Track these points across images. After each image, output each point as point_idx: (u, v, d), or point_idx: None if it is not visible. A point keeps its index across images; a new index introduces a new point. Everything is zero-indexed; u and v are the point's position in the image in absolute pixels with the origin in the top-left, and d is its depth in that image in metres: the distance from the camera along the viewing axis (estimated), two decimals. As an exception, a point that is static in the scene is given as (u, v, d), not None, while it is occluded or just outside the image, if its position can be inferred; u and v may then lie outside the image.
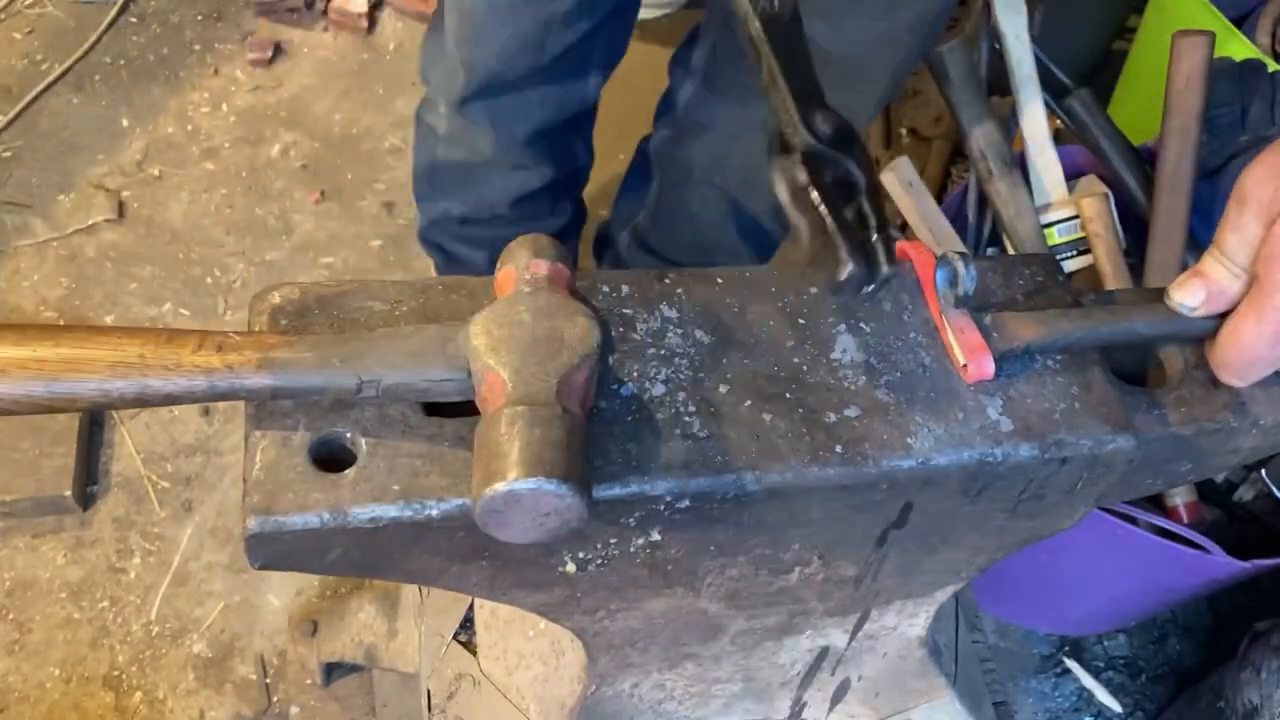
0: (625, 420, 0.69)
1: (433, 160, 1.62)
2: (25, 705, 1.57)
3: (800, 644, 0.94)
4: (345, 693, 1.62)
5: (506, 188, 1.59)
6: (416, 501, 0.64)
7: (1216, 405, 0.79)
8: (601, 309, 0.73)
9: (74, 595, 1.67)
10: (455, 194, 1.65)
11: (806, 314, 0.76)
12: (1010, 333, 0.74)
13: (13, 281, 1.98)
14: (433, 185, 1.68)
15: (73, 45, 2.33)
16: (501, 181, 1.58)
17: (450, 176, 1.62)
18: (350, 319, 0.70)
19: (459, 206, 1.66)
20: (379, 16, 2.50)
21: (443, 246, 1.78)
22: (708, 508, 0.69)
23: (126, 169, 2.16)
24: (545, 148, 1.55)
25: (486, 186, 1.60)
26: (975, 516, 0.78)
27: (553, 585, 0.76)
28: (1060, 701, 1.75)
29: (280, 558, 0.65)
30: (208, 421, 1.86)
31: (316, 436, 0.65)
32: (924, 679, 1.04)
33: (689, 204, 1.68)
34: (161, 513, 1.76)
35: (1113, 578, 1.57)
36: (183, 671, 1.63)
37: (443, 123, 1.52)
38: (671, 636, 0.87)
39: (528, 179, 1.58)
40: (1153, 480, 0.85)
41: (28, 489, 1.68)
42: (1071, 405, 0.74)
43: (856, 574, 0.84)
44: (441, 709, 1.14)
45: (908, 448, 0.71)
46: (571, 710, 0.96)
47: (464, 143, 1.53)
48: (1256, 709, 1.41)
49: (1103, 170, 1.65)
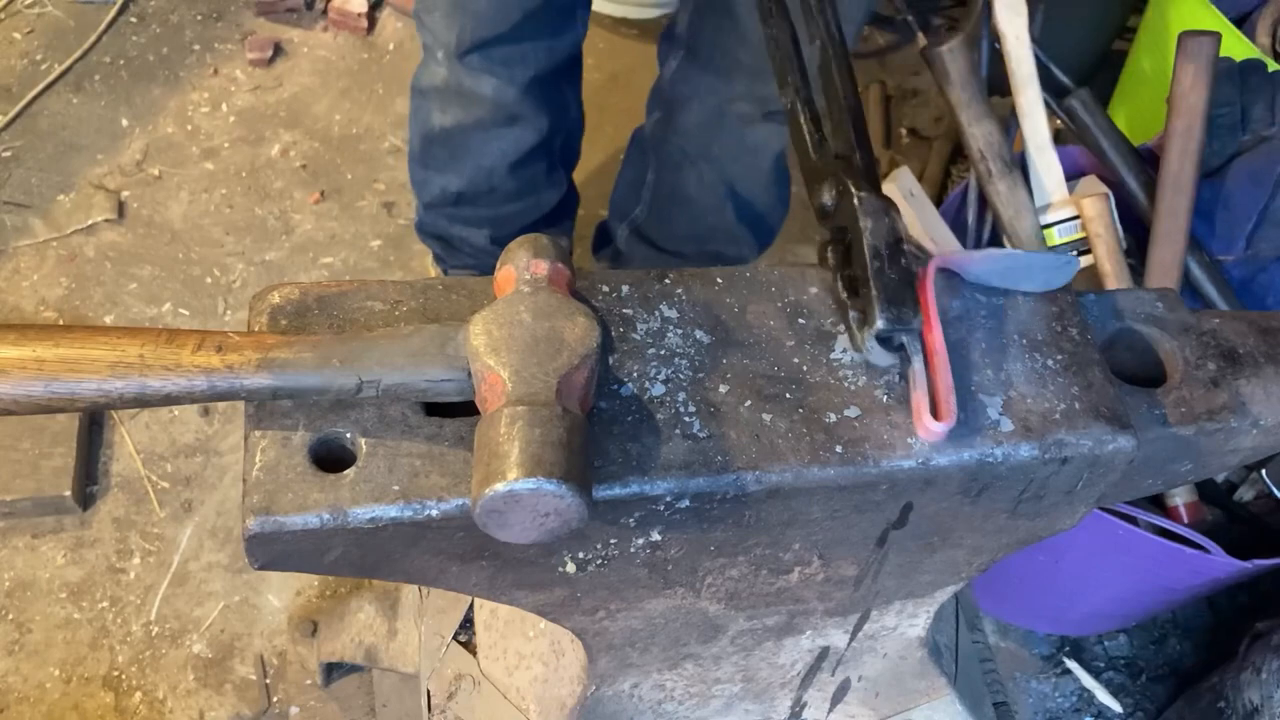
0: (625, 420, 0.69)
1: (428, 132, 1.62)
2: (25, 705, 1.57)
3: (800, 644, 0.94)
4: (345, 693, 1.62)
5: (504, 149, 1.60)
6: (416, 501, 0.64)
7: (1216, 405, 0.79)
8: (601, 309, 0.73)
9: (74, 595, 1.67)
10: (452, 167, 1.65)
11: (806, 314, 0.76)
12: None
13: (13, 281, 1.98)
14: (428, 163, 1.68)
15: (73, 45, 2.33)
16: (498, 143, 1.59)
17: (447, 148, 1.63)
18: (350, 319, 0.70)
19: (457, 181, 1.66)
20: (379, 16, 2.50)
21: (442, 234, 1.78)
22: (708, 508, 0.69)
23: (126, 169, 2.16)
24: (541, 96, 1.57)
25: (484, 152, 1.61)
26: (975, 516, 0.78)
27: (553, 585, 0.75)
28: (1060, 702, 1.75)
29: (280, 558, 0.65)
30: (208, 422, 1.86)
31: (316, 436, 0.65)
32: (924, 679, 1.04)
33: (685, 187, 1.69)
34: (161, 513, 1.76)
35: (1113, 578, 1.57)
36: (182, 672, 1.63)
37: (441, 74, 1.54)
38: (671, 637, 0.87)
39: (524, 135, 1.59)
40: (1153, 480, 0.85)
41: (28, 489, 1.68)
42: (1071, 405, 0.74)
43: (857, 574, 0.84)
44: (441, 709, 1.14)
45: (908, 448, 0.71)
46: (571, 710, 0.96)
47: (463, 96, 1.54)
48: (1257, 709, 1.41)
49: (1103, 170, 1.65)
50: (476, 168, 1.63)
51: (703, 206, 1.69)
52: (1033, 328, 0.78)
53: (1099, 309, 0.83)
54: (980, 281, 0.78)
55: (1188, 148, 1.50)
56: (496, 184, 1.65)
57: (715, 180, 1.66)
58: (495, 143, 1.60)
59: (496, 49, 1.47)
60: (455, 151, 1.63)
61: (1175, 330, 0.83)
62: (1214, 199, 1.60)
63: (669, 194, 1.73)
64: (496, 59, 1.49)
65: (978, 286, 0.78)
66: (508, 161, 1.62)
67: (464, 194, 1.68)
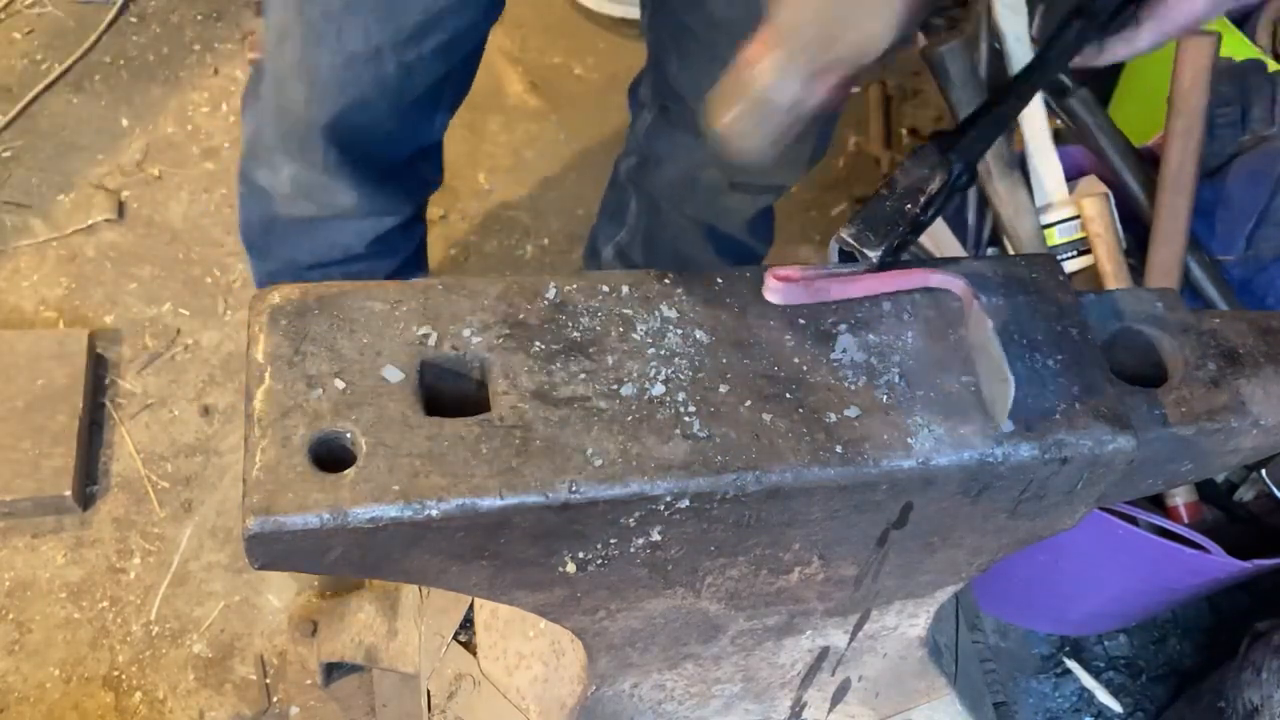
0: (625, 420, 0.69)
1: (271, 217, 1.52)
2: (25, 705, 1.57)
3: (800, 644, 0.94)
4: (345, 693, 1.62)
5: (362, 231, 1.52)
6: (416, 501, 0.64)
7: (1217, 405, 0.79)
8: (601, 309, 0.73)
9: (74, 595, 1.67)
10: (303, 244, 1.56)
11: (806, 314, 0.76)
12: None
13: (13, 281, 1.98)
14: (272, 239, 1.58)
15: (73, 45, 2.32)
16: (357, 226, 1.51)
17: (296, 229, 1.53)
18: (351, 319, 0.70)
19: (307, 256, 1.57)
20: (379, 16, 2.50)
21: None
22: (708, 508, 0.69)
23: (126, 169, 2.16)
24: (400, 187, 1.51)
25: (340, 234, 1.52)
26: (976, 516, 0.78)
27: (553, 585, 0.75)
28: (1060, 702, 1.75)
29: (280, 558, 0.65)
30: (207, 421, 1.86)
31: (316, 436, 0.65)
32: (924, 679, 1.04)
33: (665, 228, 1.67)
34: (161, 513, 1.76)
35: (1113, 578, 1.57)
36: (183, 672, 1.63)
37: (285, 184, 1.44)
38: (671, 636, 0.87)
39: (383, 221, 1.52)
40: (1153, 480, 0.85)
41: (28, 489, 1.68)
42: (1071, 405, 0.74)
43: (857, 574, 0.84)
44: (441, 709, 1.14)
45: (908, 448, 0.71)
46: (571, 710, 0.96)
47: (315, 199, 1.45)
48: (1257, 709, 1.41)
49: (1103, 170, 1.65)
50: (332, 244, 1.54)
51: (684, 243, 1.67)
52: (1033, 328, 0.78)
53: (1099, 309, 0.83)
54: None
55: (1188, 148, 1.50)
56: (355, 253, 1.56)
57: (693, 226, 1.64)
58: (354, 226, 1.51)
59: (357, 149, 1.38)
60: (306, 233, 1.53)
61: (1175, 330, 0.83)
62: (1214, 199, 1.60)
63: (649, 234, 1.71)
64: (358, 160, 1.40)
65: (978, 286, 0.78)
66: (366, 240, 1.54)
67: (317, 263, 1.58)
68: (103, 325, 1.94)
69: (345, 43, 1.23)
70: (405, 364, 0.69)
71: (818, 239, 2.18)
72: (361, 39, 1.23)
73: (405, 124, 1.39)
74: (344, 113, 1.31)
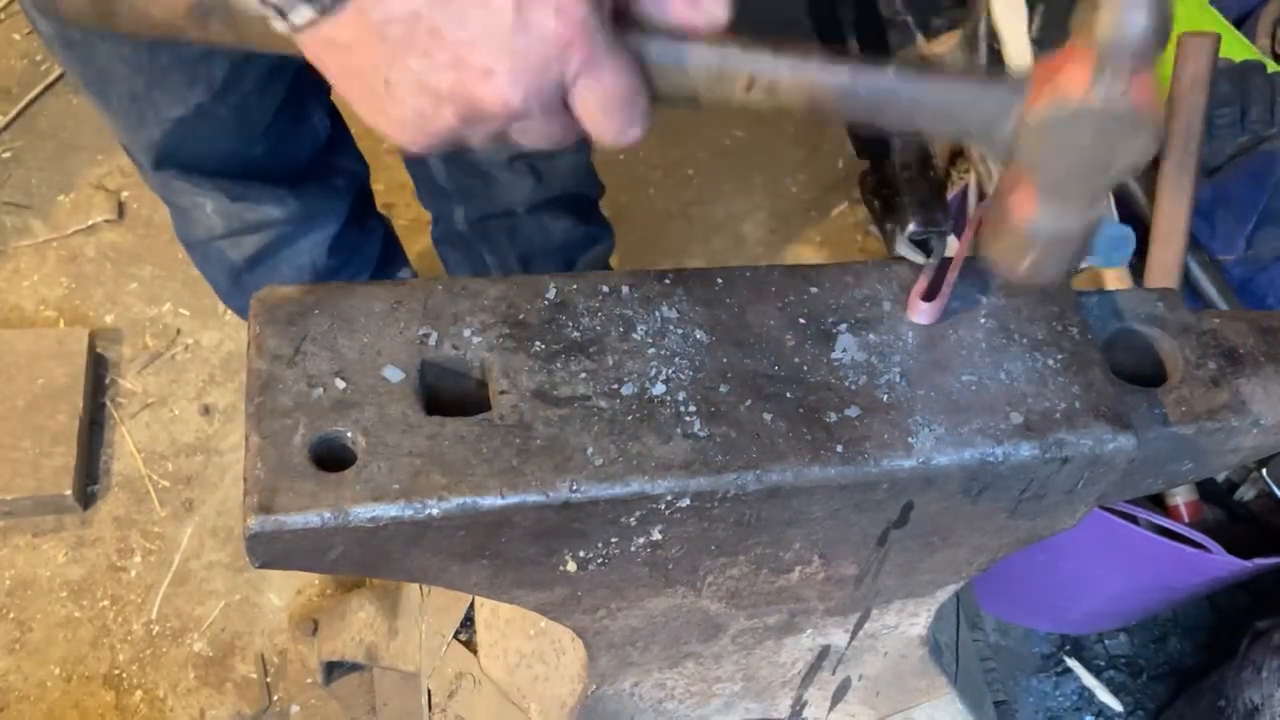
0: (626, 420, 0.69)
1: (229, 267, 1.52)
2: (25, 704, 1.57)
3: (801, 643, 0.94)
4: (346, 691, 1.62)
5: (315, 241, 1.52)
6: (416, 501, 0.64)
7: (1217, 404, 0.79)
8: (602, 309, 0.73)
9: (74, 594, 1.67)
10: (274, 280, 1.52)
11: (806, 314, 0.76)
12: None
13: (13, 281, 1.98)
14: (245, 287, 1.57)
15: (73, 45, 2.32)
16: (306, 238, 1.51)
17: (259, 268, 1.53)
18: (351, 319, 0.70)
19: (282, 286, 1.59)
20: (379, 16, 2.49)
21: None
22: (708, 507, 0.70)
23: (126, 169, 2.16)
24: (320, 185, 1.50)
25: (297, 254, 1.52)
26: (976, 516, 0.79)
27: (553, 584, 0.76)
28: (1061, 700, 1.75)
29: (281, 557, 0.65)
30: (208, 421, 1.86)
31: (317, 436, 0.65)
32: (925, 678, 1.04)
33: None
34: (162, 512, 1.76)
35: (1113, 577, 1.57)
36: (183, 670, 1.63)
37: (217, 222, 1.43)
38: (672, 635, 0.87)
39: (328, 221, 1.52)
40: (1154, 479, 0.85)
41: (28, 488, 1.68)
42: (1072, 405, 0.74)
43: (857, 573, 0.84)
44: (442, 708, 1.14)
45: (908, 447, 0.71)
46: (572, 709, 0.96)
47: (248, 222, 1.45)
48: (1257, 708, 1.41)
49: (1103, 170, 1.65)
50: (299, 270, 1.54)
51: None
52: (1033, 328, 0.78)
53: (1099, 309, 0.83)
54: None
55: (1188, 147, 1.50)
56: (322, 268, 1.56)
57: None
58: (303, 240, 1.51)
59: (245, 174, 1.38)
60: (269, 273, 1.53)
61: (1175, 330, 0.83)
62: (1214, 199, 1.60)
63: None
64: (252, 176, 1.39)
65: (978, 286, 0.78)
66: (324, 250, 1.54)
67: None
68: (103, 325, 1.94)
69: (165, 112, 1.21)
70: (405, 364, 0.69)
71: (818, 240, 2.19)
72: (180, 104, 1.20)
73: (279, 142, 1.36)
74: (208, 155, 1.29)
